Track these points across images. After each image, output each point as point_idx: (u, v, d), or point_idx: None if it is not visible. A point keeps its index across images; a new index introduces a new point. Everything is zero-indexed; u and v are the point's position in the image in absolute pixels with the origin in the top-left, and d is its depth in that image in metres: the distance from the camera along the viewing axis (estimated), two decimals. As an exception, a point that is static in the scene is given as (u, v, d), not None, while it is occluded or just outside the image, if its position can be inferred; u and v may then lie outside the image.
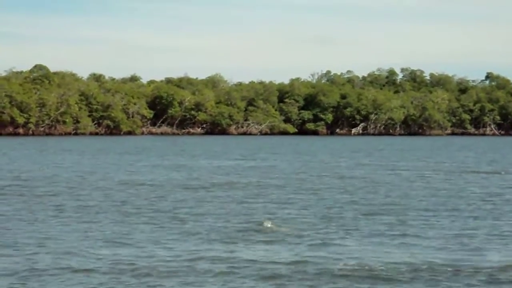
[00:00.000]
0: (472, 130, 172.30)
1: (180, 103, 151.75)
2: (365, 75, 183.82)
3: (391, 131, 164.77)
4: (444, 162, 71.23)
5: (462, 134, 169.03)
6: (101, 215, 31.88)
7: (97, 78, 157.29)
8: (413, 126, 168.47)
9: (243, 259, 22.55)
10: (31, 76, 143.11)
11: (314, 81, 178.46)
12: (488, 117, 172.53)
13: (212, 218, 31.33)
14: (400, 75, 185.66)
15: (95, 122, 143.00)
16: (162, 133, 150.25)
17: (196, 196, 39.55)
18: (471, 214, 33.00)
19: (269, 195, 40.46)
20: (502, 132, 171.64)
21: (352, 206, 35.73)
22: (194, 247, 24.58)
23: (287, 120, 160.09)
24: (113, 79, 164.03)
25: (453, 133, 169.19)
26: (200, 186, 45.00)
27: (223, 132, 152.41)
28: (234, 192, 41.65)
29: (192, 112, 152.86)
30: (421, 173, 57.12)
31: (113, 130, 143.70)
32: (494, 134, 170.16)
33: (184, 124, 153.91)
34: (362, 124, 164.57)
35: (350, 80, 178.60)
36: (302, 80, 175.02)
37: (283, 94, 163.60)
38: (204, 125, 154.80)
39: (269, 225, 28.66)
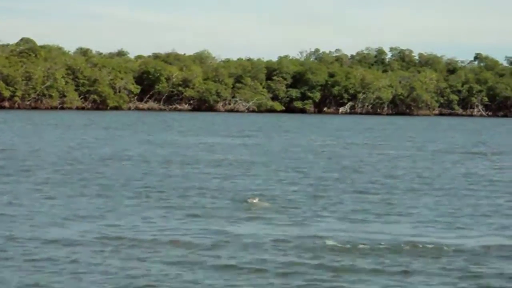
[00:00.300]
0: (460, 111, 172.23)
1: (168, 79, 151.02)
2: (354, 54, 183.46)
3: (378, 110, 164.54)
4: (431, 142, 71.19)
5: (450, 114, 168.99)
6: (85, 190, 31.62)
7: (84, 52, 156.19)
8: (401, 106, 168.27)
9: (227, 234, 22.36)
10: (18, 49, 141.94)
11: (303, 59, 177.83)
12: (476, 98, 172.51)
13: (197, 194, 31.13)
14: (389, 55, 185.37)
15: (82, 96, 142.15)
16: (148, 109, 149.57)
17: (181, 172, 39.31)
18: (455, 194, 32.91)
19: (255, 172, 40.25)
20: (490, 113, 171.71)
21: (337, 184, 35.59)
22: (178, 222, 24.37)
23: (275, 98, 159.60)
24: (100, 54, 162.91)
25: (440, 114, 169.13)
26: (185, 163, 44.75)
27: (210, 108, 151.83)
28: (220, 169, 41.43)
29: (180, 88, 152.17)
30: (407, 153, 57.02)
31: (100, 105, 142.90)
32: (481, 115, 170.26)
33: (171, 100, 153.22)
34: (350, 103, 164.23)
35: (338, 59, 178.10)
36: (290, 57, 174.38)
37: (271, 71, 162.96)
38: (191, 102, 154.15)
39: (254, 201, 28.56)
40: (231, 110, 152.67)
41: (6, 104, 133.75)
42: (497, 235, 23.49)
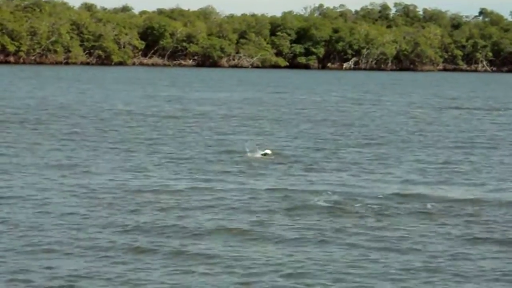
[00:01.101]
0: (464, 66, 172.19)
1: (172, 35, 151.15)
2: (358, 9, 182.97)
3: (382, 66, 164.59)
4: (433, 97, 71.75)
5: (454, 70, 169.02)
6: (84, 142, 32.38)
7: (88, 7, 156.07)
8: (405, 62, 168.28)
9: (224, 188, 23.11)
10: (22, 4, 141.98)
11: (307, 14, 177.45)
12: (480, 53, 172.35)
13: (198, 146, 31.90)
14: (393, 10, 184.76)
15: (86, 51, 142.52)
16: (153, 64, 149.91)
17: (182, 126, 40.05)
18: (452, 148, 33.62)
19: (256, 126, 40.97)
20: (494, 69, 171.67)
21: (335, 138, 36.31)
22: (174, 175, 25.13)
23: (279, 54, 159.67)
24: (104, 9, 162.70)
25: (444, 69, 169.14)
26: (187, 117, 45.48)
27: (214, 64, 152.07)
28: (223, 123, 42.16)
29: (184, 43, 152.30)
30: (408, 108, 57.64)
31: (104, 60, 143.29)
32: (485, 71, 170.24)
33: (176, 55, 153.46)
34: (354, 59, 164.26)
35: (342, 14, 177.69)
36: (294, 13, 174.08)
37: (275, 27, 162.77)
38: (196, 57, 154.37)
39: (255, 155, 29.29)
40: (235, 66, 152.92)
41: (11, 59, 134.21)
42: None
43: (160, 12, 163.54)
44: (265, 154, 29.21)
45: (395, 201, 21.56)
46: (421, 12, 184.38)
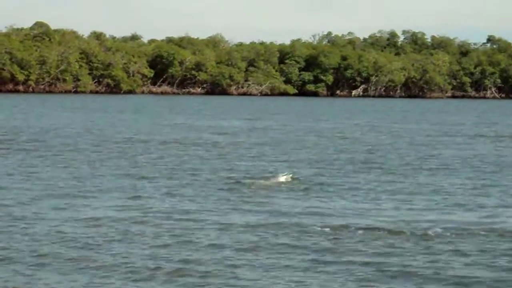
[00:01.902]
0: (473, 93, 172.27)
1: (181, 63, 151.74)
2: (366, 36, 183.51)
3: (391, 93, 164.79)
4: (441, 124, 71.71)
5: (463, 97, 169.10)
6: (83, 167, 32.43)
7: (98, 36, 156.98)
8: (414, 89, 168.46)
9: (231, 215, 23.09)
10: (32, 33, 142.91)
11: (315, 42, 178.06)
12: (488, 80, 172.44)
13: (205, 172, 31.93)
14: (402, 37, 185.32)
15: (95, 80, 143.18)
16: (162, 93, 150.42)
17: (189, 153, 40.11)
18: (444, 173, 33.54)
19: (259, 153, 41.00)
20: (503, 95, 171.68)
21: (341, 164, 36.27)
22: (179, 201, 25.14)
23: (288, 81, 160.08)
24: (114, 38, 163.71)
25: (453, 96, 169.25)
26: (195, 144, 45.56)
27: (223, 92, 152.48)
28: (231, 150, 42.22)
29: (193, 72, 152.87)
30: (414, 135, 57.60)
31: (113, 89, 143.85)
32: (494, 97, 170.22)
33: (185, 83, 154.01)
34: (362, 86, 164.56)
35: (351, 42, 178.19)
36: (303, 41, 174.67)
37: (284, 55, 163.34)
38: (205, 85, 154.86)
39: (257, 181, 29.38)
40: (244, 94, 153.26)
41: (21, 88, 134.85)
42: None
43: (169, 40, 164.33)
44: (279, 180, 29.55)
45: (397, 226, 21.48)
46: (429, 40, 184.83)
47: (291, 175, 30.23)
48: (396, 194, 27.49)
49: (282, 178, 29.91)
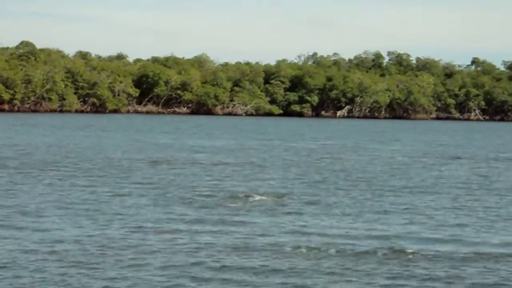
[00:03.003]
0: (457, 115, 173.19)
1: (166, 82, 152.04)
2: (352, 57, 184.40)
3: (376, 114, 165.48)
4: (421, 145, 72.12)
5: (447, 118, 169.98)
6: (69, 185, 32.58)
7: (83, 55, 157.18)
8: (398, 110, 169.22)
9: (210, 231, 23.32)
10: (17, 52, 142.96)
11: (301, 63, 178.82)
12: (473, 102, 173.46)
13: (192, 189, 32.16)
14: (387, 59, 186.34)
15: (81, 99, 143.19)
16: (147, 112, 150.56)
17: (173, 172, 40.31)
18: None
19: (243, 173, 41.24)
20: (487, 117, 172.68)
21: (323, 184, 36.56)
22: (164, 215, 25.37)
23: (273, 102, 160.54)
24: (99, 57, 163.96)
25: (437, 118, 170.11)
26: (179, 162, 45.75)
27: (209, 112, 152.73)
28: (214, 169, 42.43)
29: (178, 91, 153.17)
30: (394, 155, 57.93)
31: (99, 108, 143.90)
32: (478, 119, 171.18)
33: (170, 103, 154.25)
34: (347, 107, 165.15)
35: (336, 63, 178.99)
36: (288, 61, 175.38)
37: (269, 75, 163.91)
38: (190, 105, 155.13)
39: (239, 198, 29.66)
40: (229, 114, 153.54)
41: (6, 107, 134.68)
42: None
43: (155, 60, 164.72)
44: (256, 198, 29.91)
45: (374, 246, 21.78)
46: (414, 61, 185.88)
47: (269, 194, 30.46)
48: (372, 213, 27.82)
49: (259, 197, 30.20)
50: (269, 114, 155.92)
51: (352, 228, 24.63)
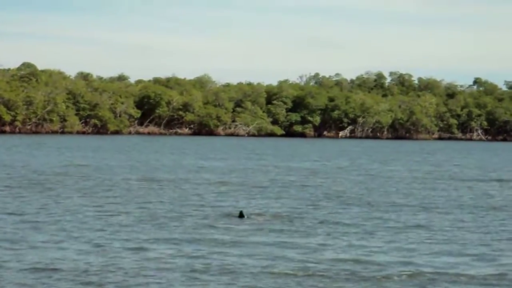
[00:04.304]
0: (459, 135, 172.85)
1: (168, 103, 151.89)
2: (354, 78, 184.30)
3: (378, 134, 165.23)
4: (421, 165, 71.73)
5: (449, 138, 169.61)
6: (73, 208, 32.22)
7: (84, 76, 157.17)
8: (401, 130, 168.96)
9: (207, 252, 22.90)
10: (19, 74, 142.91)
11: (303, 83, 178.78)
12: (475, 122, 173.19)
13: (192, 211, 31.80)
14: (389, 79, 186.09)
15: (82, 121, 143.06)
16: (149, 133, 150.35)
17: (174, 191, 39.96)
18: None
19: (241, 193, 40.88)
20: (489, 138, 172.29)
21: (318, 207, 36.17)
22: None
23: (275, 122, 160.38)
24: (100, 78, 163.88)
25: (440, 138, 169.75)
26: (180, 182, 45.40)
27: (211, 133, 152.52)
28: (210, 188, 42.08)
29: (180, 112, 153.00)
30: (393, 174, 57.55)
31: (100, 129, 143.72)
32: (480, 139, 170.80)
33: (172, 124, 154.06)
34: (349, 127, 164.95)
35: (338, 83, 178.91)
36: (290, 82, 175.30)
37: (271, 96, 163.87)
38: (192, 126, 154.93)
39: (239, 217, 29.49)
40: (231, 134, 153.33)
41: (7, 128, 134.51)
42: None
43: (156, 81, 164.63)
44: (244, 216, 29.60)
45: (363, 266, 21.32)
46: (416, 81, 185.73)
47: (267, 213, 30.16)
48: (369, 232, 27.37)
49: (258, 216, 29.86)
50: (271, 134, 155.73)
51: (364, 247, 24.14)
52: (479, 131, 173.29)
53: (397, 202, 37.79)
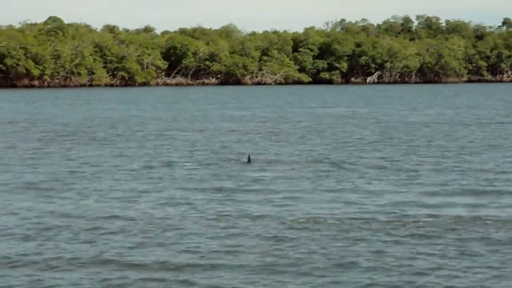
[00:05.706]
0: (489, 77, 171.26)
1: (194, 54, 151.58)
2: (380, 23, 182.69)
3: (406, 79, 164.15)
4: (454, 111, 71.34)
5: (479, 81, 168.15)
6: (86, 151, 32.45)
7: (111, 29, 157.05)
8: (429, 74, 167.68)
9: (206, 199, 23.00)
10: (45, 28, 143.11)
11: (329, 29, 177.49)
12: (505, 63, 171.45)
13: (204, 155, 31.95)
14: (416, 23, 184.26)
15: (110, 73, 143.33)
16: (176, 84, 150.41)
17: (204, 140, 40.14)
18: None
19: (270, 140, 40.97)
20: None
21: (331, 155, 36.15)
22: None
23: (302, 70, 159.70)
24: (127, 30, 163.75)
25: (469, 80, 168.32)
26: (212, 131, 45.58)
27: (238, 82, 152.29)
28: (226, 136, 42.20)
29: (207, 62, 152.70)
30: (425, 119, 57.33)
31: (128, 81, 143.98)
32: (511, 81, 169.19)
33: (199, 74, 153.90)
34: (377, 73, 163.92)
35: (364, 29, 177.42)
36: (316, 29, 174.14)
37: (297, 43, 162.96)
38: (219, 76, 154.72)
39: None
40: (258, 83, 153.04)
41: (36, 83, 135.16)
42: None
43: (182, 31, 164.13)
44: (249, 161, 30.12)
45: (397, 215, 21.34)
46: (443, 24, 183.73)
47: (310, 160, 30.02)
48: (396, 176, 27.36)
49: (288, 161, 29.86)
50: (299, 82, 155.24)
51: (402, 192, 24.17)
52: (509, 73, 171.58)
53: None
